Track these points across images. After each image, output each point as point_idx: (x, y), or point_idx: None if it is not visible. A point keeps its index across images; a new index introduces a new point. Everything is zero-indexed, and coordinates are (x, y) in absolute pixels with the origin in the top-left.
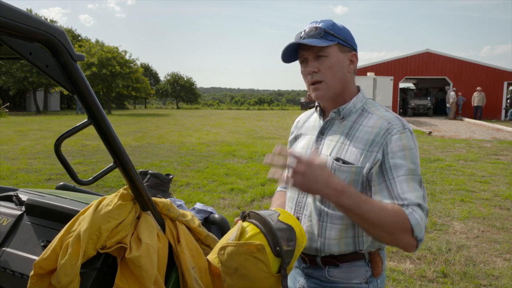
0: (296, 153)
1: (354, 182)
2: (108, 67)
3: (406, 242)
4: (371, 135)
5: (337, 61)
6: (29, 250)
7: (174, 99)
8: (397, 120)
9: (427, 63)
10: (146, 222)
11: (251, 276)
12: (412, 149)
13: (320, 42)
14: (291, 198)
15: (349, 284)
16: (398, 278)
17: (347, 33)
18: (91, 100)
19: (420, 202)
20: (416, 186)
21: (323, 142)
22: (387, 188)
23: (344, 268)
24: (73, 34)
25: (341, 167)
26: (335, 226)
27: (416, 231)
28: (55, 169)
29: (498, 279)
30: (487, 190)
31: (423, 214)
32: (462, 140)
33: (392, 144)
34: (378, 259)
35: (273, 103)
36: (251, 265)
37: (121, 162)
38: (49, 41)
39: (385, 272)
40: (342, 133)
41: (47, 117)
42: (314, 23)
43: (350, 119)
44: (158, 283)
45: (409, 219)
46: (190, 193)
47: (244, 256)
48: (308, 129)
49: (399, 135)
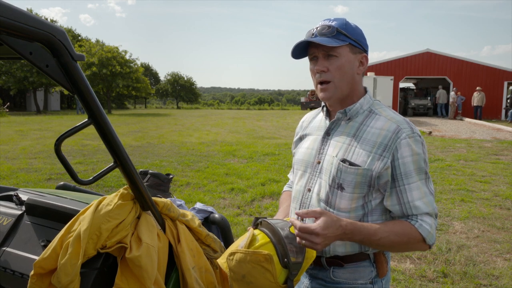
0: (304, 228)
1: (360, 184)
2: (108, 67)
3: (420, 249)
4: (379, 137)
5: (347, 62)
6: (29, 250)
7: (174, 99)
8: (406, 124)
9: (427, 63)
10: (146, 222)
11: (257, 284)
12: (421, 154)
13: (332, 42)
14: (295, 199)
15: (354, 284)
16: (398, 278)
17: (360, 34)
18: (91, 100)
19: (428, 210)
20: (426, 191)
21: (329, 143)
22: (396, 195)
23: (349, 268)
24: (73, 34)
25: (348, 168)
26: None
27: (428, 240)
28: (55, 169)
29: (498, 279)
30: (487, 190)
31: (433, 220)
32: (463, 140)
33: (401, 149)
34: (383, 259)
35: (273, 103)
36: (258, 274)
37: (121, 162)
38: (49, 41)
39: (390, 272)
40: (349, 134)
41: (47, 117)
42: (327, 21)
43: (357, 120)
44: (158, 283)
45: (420, 232)
46: (190, 193)
47: (252, 264)
48: (314, 129)
49: (408, 139)
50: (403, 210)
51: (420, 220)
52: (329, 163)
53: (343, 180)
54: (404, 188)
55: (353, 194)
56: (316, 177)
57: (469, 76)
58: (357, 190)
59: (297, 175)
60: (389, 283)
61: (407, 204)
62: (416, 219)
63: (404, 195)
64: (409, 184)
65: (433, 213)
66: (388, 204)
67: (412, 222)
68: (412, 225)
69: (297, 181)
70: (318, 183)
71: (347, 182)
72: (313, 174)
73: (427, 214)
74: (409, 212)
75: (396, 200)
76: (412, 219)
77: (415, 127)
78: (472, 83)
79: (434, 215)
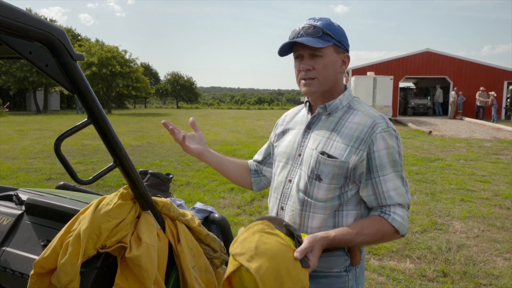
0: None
1: (337, 175)
2: (108, 67)
3: (394, 239)
4: (356, 131)
5: (331, 62)
6: (29, 250)
7: (174, 98)
8: (382, 119)
9: (427, 63)
10: (146, 221)
11: (272, 251)
12: (395, 147)
13: (317, 43)
14: (277, 189)
15: (329, 272)
16: (398, 278)
17: (343, 34)
18: (91, 100)
19: (401, 201)
20: (399, 183)
21: (309, 136)
22: (372, 186)
23: (323, 258)
24: (73, 34)
25: (326, 160)
26: (317, 215)
27: (401, 231)
28: (55, 168)
29: (498, 278)
30: (487, 189)
31: (405, 210)
32: (462, 139)
33: (377, 142)
34: (356, 249)
35: (273, 103)
36: (268, 239)
37: (121, 161)
38: (49, 41)
39: (364, 261)
40: (328, 128)
41: (47, 117)
42: (312, 21)
43: (337, 115)
44: (158, 283)
45: (393, 225)
46: (190, 193)
47: (258, 234)
48: (296, 123)
49: (383, 133)
50: (378, 200)
51: (392, 213)
52: (308, 155)
53: (321, 172)
54: (380, 180)
55: (330, 185)
56: (297, 168)
57: (469, 76)
58: (334, 181)
59: (279, 166)
60: (363, 272)
61: (381, 195)
62: (389, 212)
63: (379, 185)
64: (384, 176)
65: (406, 204)
66: (364, 194)
67: (386, 216)
68: (385, 219)
69: (279, 172)
70: (298, 174)
71: (325, 173)
72: (294, 166)
73: (400, 205)
74: (383, 202)
75: (372, 191)
76: (386, 212)
77: (391, 122)
78: (472, 83)
79: (406, 206)
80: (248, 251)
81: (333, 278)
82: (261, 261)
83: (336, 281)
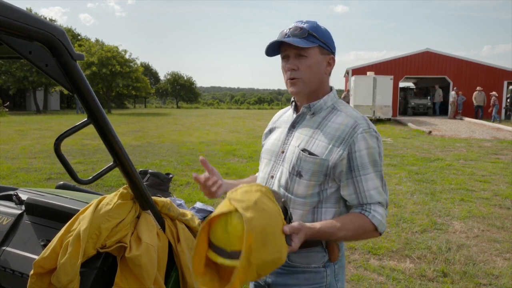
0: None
1: (317, 172)
2: (108, 67)
3: (372, 237)
4: (337, 131)
5: (316, 62)
6: (29, 249)
7: (174, 98)
8: (363, 120)
9: (427, 63)
10: (146, 221)
11: (269, 213)
12: (375, 148)
13: (303, 43)
14: (260, 183)
15: (308, 268)
16: (398, 278)
17: (329, 37)
18: (91, 100)
19: (380, 199)
20: (379, 182)
21: (293, 135)
22: (353, 184)
23: (302, 253)
24: (73, 33)
25: (307, 157)
26: (297, 211)
27: (379, 228)
28: (55, 168)
29: (498, 278)
30: (487, 189)
31: (383, 209)
32: (462, 139)
33: (358, 143)
34: (334, 245)
35: (273, 102)
36: (268, 201)
37: (121, 161)
38: (49, 41)
39: (344, 258)
40: (312, 127)
41: (47, 117)
42: (299, 23)
43: (320, 115)
44: (158, 282)
45: (373, 222)
46: (190, 193)
47: (259, 193)
48: (282, 122)
49: (364, 134)
50: (359, 198)
51: (373, 211)
52: (291, 153)
53: (302, 168)
54: (361, 179)
55: (309, 182)
56: (280, 165)
57: (469, 76)
58: (314, 178)
59: (263, 163)
60: (343, 269)
61: (362, 193)
62: (369, 210)
63: (360, 184)
64: (365, 175)
65: (384, 202)
66: (345, 193)
67: (366, 214)
68: (366, 216)
69: (262, 168)
70: (280, 170)
71: (305, 170)
72: (276, 163)
73: (379, 203)
74: (364, 200)
75: (353, 189)
76: (366, 210)
77: (372, 123)
78: (472, 83)
79: (385, 205)
80: (247, 201)
81: (311, 273)
82: (256, 215)
83: (314, 277)
